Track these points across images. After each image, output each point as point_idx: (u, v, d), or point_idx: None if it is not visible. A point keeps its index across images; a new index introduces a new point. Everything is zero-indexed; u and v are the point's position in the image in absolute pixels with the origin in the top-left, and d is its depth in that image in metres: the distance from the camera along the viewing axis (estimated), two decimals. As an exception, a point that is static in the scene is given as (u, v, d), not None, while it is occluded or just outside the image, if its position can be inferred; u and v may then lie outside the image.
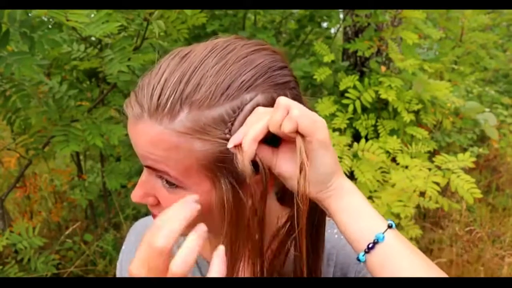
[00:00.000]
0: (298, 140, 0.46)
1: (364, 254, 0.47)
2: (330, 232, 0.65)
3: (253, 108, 0.47)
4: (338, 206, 0.48)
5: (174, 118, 0.45)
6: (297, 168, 0.46)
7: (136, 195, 0.52)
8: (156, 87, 0.46)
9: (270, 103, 0.47)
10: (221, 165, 0.47)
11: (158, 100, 0.45)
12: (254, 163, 0.47)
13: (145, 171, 0.52)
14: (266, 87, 0.48)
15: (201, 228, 0.41)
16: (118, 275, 0.72)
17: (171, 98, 0.45)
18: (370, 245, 0.46)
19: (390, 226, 0.47)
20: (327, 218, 0.57)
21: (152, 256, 0.38)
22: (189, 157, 0.47)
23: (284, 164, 0.48)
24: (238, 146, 0.46)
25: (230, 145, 0.46)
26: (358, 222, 0.47)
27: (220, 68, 0.47)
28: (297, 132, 0.45)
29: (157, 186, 0.51)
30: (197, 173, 0.48)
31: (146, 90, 0.47)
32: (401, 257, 0.46)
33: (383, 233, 0.46)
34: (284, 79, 0.50)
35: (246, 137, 0.45)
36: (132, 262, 0.39)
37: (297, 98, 0.51)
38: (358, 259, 0.47)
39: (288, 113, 0.45)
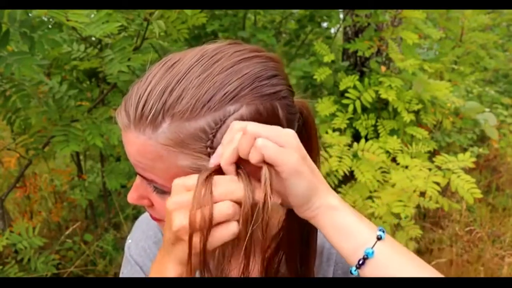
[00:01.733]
0: (264, 170, 0.44)
1: (356, 269, 0.47)
2: None
3: (234, 121, 0.46)
4: (325, 224, 0.47)
5: (157, 129, 0.46)
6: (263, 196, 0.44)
7: (131, 197, 0.54)
8: (142, 96, 0.46)
9: (255, 116, 0.47)
10: None
11: (142, 110, 0.46)
12: None
13: (138, 176, 0.53)
14: (251, 98, 0.47)
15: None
16: (125, 269, 0.71)
17: (154, 109, 0.45)
18: (360, 262, 0.46)
19: (379, 238, 0.46)
20: None
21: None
22: (174, 167, 0.47)
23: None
24: (218, 165, 0.45)
25: (211, 165, 0.46)
26: (346, 240, 0.47)
27: (204, 79, 0.46)
28: (264, 161, 0.44)
29: (149, 190, 0.52)
30: None
31: (133, 99, 0.47)
32: (393, 268, 0.46)
33: (372, 247, 0.46)
34: (273, 89, 0.49)
35: (222, 161, 0.45)
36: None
37: (289, 107, 0.51)
38: (351, 272, 0.47)
39: (253, 142, 0.43)
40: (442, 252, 2.64)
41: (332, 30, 2.93)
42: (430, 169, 1.71)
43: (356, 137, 2.19)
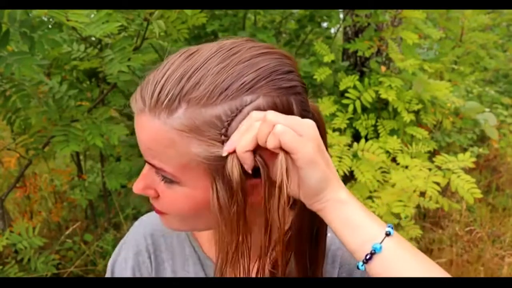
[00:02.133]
0: (280, 157, 0.45)
1: (363, 264, 0.46)
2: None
3: (253, 111, 0.47)
4: (333, 217, 0.48)
5: (172, 114, 0.46)
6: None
7: (137, 187, 0.53)
8: (159, 82, 0.47)
9: (272, 107, 0.47)
10: (218, 164, 0.47)
11: (158, 95, 0.46)
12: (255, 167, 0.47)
13: (146, 165, 0.53)
14: (268, 90, 0.47)
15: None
16: (108, 274, 0.71)
17: (170, 94, 0.46)
18: (368, 256, 0.46)
19: (388, 234, 0.46)
20: None
21: None
22: (186, 155, 0.47)
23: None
24: (232, 153, 0.46)
25: (224, 153, 0.46)
26: (354, 234, 0.47)
27: (222, 68, 0.47)
28: (281, 148, 0.44)
29: (156, 180, 0.52)
30: (194, 171, 0.48)
31: (150, 85, 0.48)
32: (400, 264, 0.46)
33: (381, 242, 0.46)
34: (289, 84, 0.49)
35: (238, 147, 0.45)
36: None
37: (303, 104, 0.51)
38: (358, 267, 0.47)
39: (272, 129, 0.44)
40: (442, 252, 2.64)
41: (332, 30, 2.93)
42: (430, 169, 1.71)
43: (356, 137, 2.19)
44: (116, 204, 2.55)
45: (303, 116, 0.49)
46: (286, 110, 0.48)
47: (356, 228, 0.47)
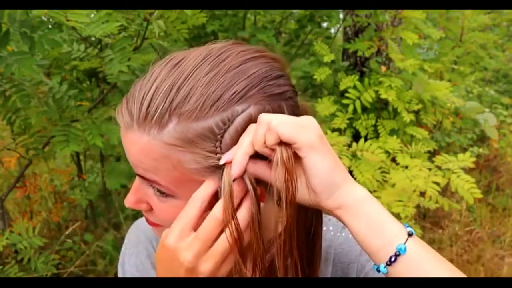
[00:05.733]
0: (277, 151, 0.43)
1: (386, 266, 0.43)
2: (326, 230, 0.64)
3: (244, 121, 0.45)
4: (352, 217, 0.44)
5: (163, 129, 0.44)
6: (279, 182, 0.43)
7: (129, 201, 0.52)
8: (146, 95, 0.45)
9: None
10: (211, 176, 0.46)
11: (147, 110, 0.44)
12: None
13: (138, 179, 0.51)
14: (259, 98, 0.46)
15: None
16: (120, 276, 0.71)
17: (160, 108, 0.44)
18: (393, 259, 0.43)
19: (410, 234, 0.44)
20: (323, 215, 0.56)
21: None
22: (180, 168, 0.46)
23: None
24: (229, 164, 0.45)
25: (221, 161, 0.45)
26: (376, 234, 0.44)
27: (212, 78, 0.45)
28: (281, 143, 0.43)
29: (149, 194, 0.50)
30: (189, 184, 0.47)
31: (136, 97, 0.46)
32: (424, 265, 0.43)
33: (404, 243, 0.43)
34: (280, 90, 0.48)
35: (235, 157, 0.44)
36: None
37: (294, 108, 0.50)
38: (378, 270, 0.44)
39: (268, 126, 0.43)
40: (442, 252, 2.64)
41: (332, 30, 2.93)
42: (430, 169, 1.71)
43: (356, 137, 2.19)
44: (116, 204, 2.55)
45: None
46: None
47: (377, 229, 0.44)
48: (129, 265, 0.69)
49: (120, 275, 0.70)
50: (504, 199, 3.37)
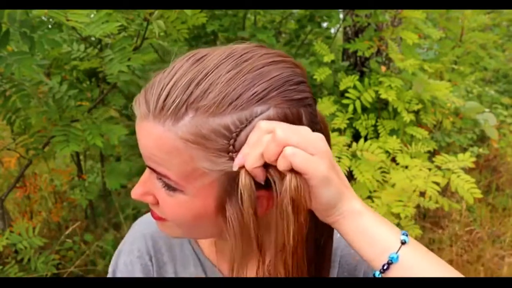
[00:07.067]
0: (287, 178, 0.43)
1: (380, 273, 0.46)
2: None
3: (261, 121, 0.45)
4: (348, 229, 0.47)
5: (178, 122, 0.44)
6: (285, 207, 0.44)
7: (136, 193, 0.51)
8: (165, 87, 0.45)
9: (282, 119, 0.46)
10: (226, 176, 0.46)
11: (164, 101, 0.44)
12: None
13: (147, 170, 0.51)
14: (279, 101, 0.46)
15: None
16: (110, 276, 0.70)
17: (177, 101, 0.44)
18: (385, 267, 0.45)
19: (403, 243, 0.46)
20: None
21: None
22: (191, 164, 0.46)
23: None
24: (242, 167, 0.45)
25: (235, 168, 0.45)
26: (369, 245, 0.46)
27: (233, 76, 0.45)
28: (292, 170, 0.43)
29: (157, 187, 0.50)
30: (199, 180, 0.47)
31: (155, 89, 0.46)
32: (417, 271, 0.45)
33: (397, 252, 0.45)
34: (300, 95, 0.48)
35: (247, 164, 0.44)
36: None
37: (312, 116, 0.50)
38: (374, 276, 0.47)
39: (282, 151, 0.43)
40: (442, 252, 2.64)
41: (332, 30, 2.93)
42: (430, 169, 1.71)
43: (356, 137, 2.19)
44: (116, 204, 2.56)
45: (312, 128, 0.48)
46: (296, 122, 0.47)
47: (371, 239, 0.46)
48: (121, 262, 0.69)
49: (110, 270, 0.70)
50: (504, 199, 3.37)
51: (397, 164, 1.87)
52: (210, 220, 0.50)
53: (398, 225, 1.81)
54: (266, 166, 0.45)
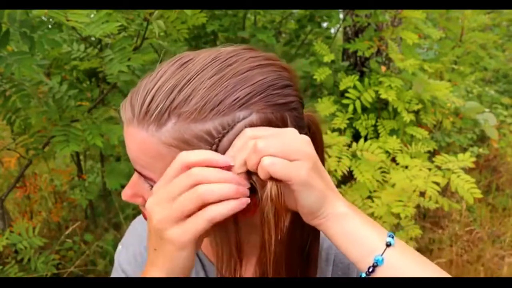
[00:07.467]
0: (267, 187, 0.44)
1: (366, 276, 0.46)
2: None
3: (246, 128, 0.45)
4: (333, 232, 0.47)
5: (161, 127, 0.45)
6: (267, 215, 0.45)
7: (125, 194, 0.53)
8: (150, 92, 0.45)
9: (265, 124, 0.46)
10: None
11: (148, 106, 0.45)
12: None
13: (135, 173, 0.52)
14: (262, 106, 0.46)
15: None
16: (114, 275, 0.71)
17: (160, 106, 0.44)
18: (370, 269, 0.45)
19: (388, 245, 0.46)
20: None
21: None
22: None
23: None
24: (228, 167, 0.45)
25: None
26: (354, 247, 0.46)
27: (216, 81, 0.45)
28: (271, 178, 0.43)
29: (145, 189, 0.51)
30: None
31: (140, 93, 0.46)
32: (404, 271, 0.45)
33: (381, 254, 0.45)
34: (285, 100, 0.48)
35: (234, 168, 0.44)
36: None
37: (298, 119, 0.50)
38: (361, 277, 0.47)
39: (260, 161, 0.42)
40: (442, 252, 2.64)
41: (332, 30, 2.93)
42: (430, 169, 1.71)
43: (356, 137, 2.19)
44: (116, 204, 2.56)
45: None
46: (281, 126, 0.47)
47: (356, 242, 0.46)
48: (126, 254, 0.71)
49: (113, 268, 0.71)
50: (504, 199, 3.37)
51: (397, 164, 1.87)
52: None
53: (398, 225, 1.81)
54: (250, 173, 0.45)
